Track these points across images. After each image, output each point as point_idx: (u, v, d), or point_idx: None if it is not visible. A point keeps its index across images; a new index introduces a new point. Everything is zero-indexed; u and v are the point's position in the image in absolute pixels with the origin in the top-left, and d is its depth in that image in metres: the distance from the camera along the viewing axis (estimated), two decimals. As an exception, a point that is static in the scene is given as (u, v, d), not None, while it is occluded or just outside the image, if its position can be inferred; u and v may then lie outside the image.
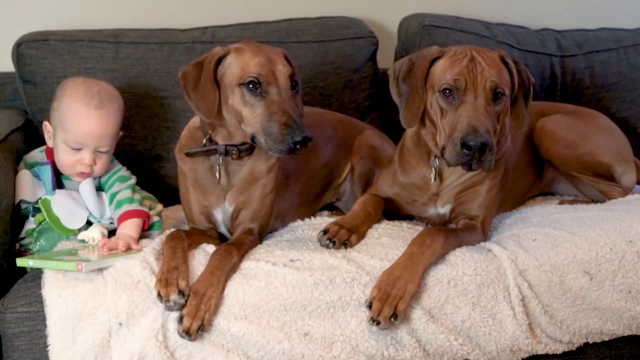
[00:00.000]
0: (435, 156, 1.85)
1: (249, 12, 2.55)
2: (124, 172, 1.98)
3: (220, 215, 1.86)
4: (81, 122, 1.85)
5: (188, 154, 1.81)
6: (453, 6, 2.76)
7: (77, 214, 1.84)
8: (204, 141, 1.79)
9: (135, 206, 1.87)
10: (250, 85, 1.66)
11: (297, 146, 1.61)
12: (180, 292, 1.54)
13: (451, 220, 1.93)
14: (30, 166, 1.94)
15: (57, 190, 1.85)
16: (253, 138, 1.68)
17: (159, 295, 1.54)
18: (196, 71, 1.72)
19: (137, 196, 1.93)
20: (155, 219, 1.92)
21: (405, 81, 1.81)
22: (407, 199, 1.95)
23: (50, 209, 1.81)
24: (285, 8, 2.61)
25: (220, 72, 1.73)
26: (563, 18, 2.91)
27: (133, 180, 1.98)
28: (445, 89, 1.73)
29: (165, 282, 1.56)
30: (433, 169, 1.87)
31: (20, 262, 1.64)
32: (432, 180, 1.87)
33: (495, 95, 1.74)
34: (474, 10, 2.78)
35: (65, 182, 1.93)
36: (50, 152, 1.96)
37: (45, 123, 1.95)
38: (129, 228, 1.82)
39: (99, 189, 1.95)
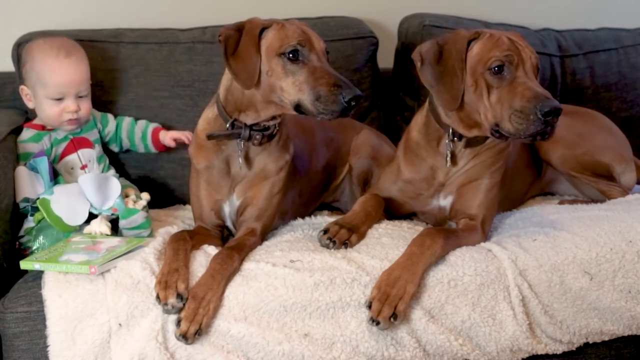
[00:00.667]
0: (449, 140, 1.84)
1: (249, 12, 2.53)
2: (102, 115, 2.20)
3: (228, 208, 1.86)
4: (57, 73, 1.99)
5: (210, 137, 1.78)
6: (453, 6, 2.76)
7: (78, 210, 1.84)
8: (227, 125, 1.77)
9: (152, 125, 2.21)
10: (291, 55, 1.65)
11: (352, 103, 1.59)
12: (179, 296, 1.54)
13: (451, 217, 1.93)
14: (24, 157, 1.96)
15: (55, 189, 1.85)
16: (297, 106, 1.65)
17: (157, 297, 1.54)
18: (237, 36, 1.71)
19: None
20: (142, 217, 1.89)
21: (439, 65, 1.78)
22: (412, 193, 1.95)
23: (49, 209, 1.80)
24: (285, 8, 2.61)
25: (261, 42, 1.71)
26: (563, 18, 2.91)
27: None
28: (496, 66, 1.71)
29: (164, 284, 1.56)
30: (447, 152, 1.86)
31: (25, 264, 1.62)
32: (448, 164, 1.86)
33: (537, 71, 1.77)
34: (474, 10, 2.78)
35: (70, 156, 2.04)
36: (30, 123, 2.08)
37: (22, 87, 2.08)
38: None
39: (105, 146, 2.17)
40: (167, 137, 2.21)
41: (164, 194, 2.28)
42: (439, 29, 2.54)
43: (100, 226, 1.82)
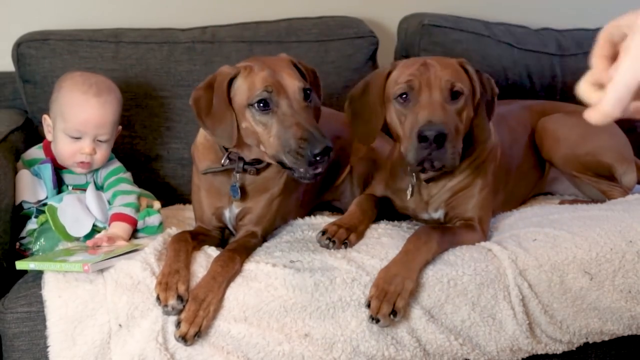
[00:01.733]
0: (410, 175, 1.84)
1: (249, 12, 2.55)
2: (123, 173, 2.00)
3: (228, 213, 1.87)
4: (80, 109, 1.88)
5: (206, 172, 1.78)
6: (453, 6, 2.76)
7: (83, 222, 1.83)
8: (223, 160, 1.75)
9: (128, 211, 1.87)
10: (260, 104, 1.59)
11: (318, 158, 1.52)
12: (179, 297, 1.53)
13: (447, 223, 1.93)
14: (29, 164, 1.95)
15: (66, 197, 1.84)
16: (278, 160, 1.60)
17: (157, 298, 1.54)
18: (208, 94, 1.64)
19: (135, 189, 1.97)
20: (157, 220, 1.91)
21: (361, 99, 1.80)
22: (400, 203, 1.95)
23: (56, 217, 1.80)
24: (285, 8, 2.61)
25: (232, 94, 1.65)
26: (563, 18, 2.91)
27: (128, 175, 2.02)
28: (400, 94, 1.71)
29: (165, 285, 1.55)
30: (410, 186, 1.86)
31: (20, 264, 1.62)
32: (409, 197, 1.87)
33: (453, 94, 1.70)
34: (474, 10, 2.78)
35: (65, 176, 1.94)
36: (48, 148, 1.98)
37: (45, 116, 1.97)
38: (120, 229, 1.83)
39: (100, 188, 1.96)
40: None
41: (164, 193, 2.28)
42: (439, 28, 2.55)
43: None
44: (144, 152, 2.30)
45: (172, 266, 1.60)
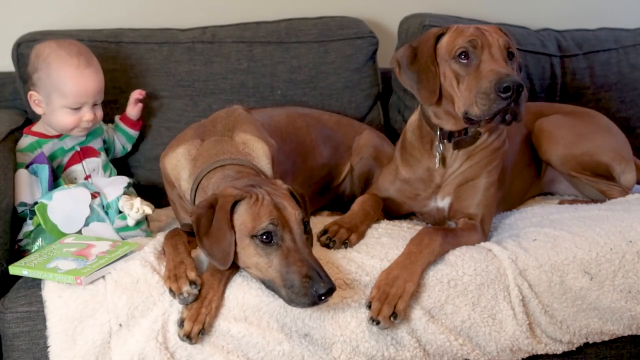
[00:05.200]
0: (439, 142, 1.85)
1: (249, 12, 2.55)
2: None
3: None
4: (78, 82, 1.95)
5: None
6: (453, 6, 2.76)
7: (74, 217, 1.81)
8: None
9: None
10: (264, 237, 1.54)
11: (322, 298, 1.48)
12: (192, 283, 1.53)
13: (450, 217, 1.93)
14: (21, 166, 1.94)
15: (55, 194, 1.83)
16: (272, 288, 1.56)
17: (170, 291, 1.53)
18: (209, 214, 1.57)
19: None
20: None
21: (414, 65, 1.82)
22: (410, 193, 1.95)
23: (46, 215, 1.79)
24: (285, 8, 2.61)
25: (233, 218, 1.58)
26: (563, 18, 2.91)
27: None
28: (461, 52, 1.74)
29: (174, 277, 1.55)
30: (437, 154, 1.87)
31: (14, 270, 1.60)
32: (437, 165, 1.87)
33: (509, 54, 1.76)
34: (474, 10, 2.78)
35: (65, 141, 2.03)
36: (36, 132, 2.04)
37: (31, 93, 2.01)
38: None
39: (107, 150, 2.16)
40: (129, 108, 2.20)
41: (164, 194, 2.27)
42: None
43: (142, 205, 1.82)
44: (143, 152, 2.30)
45: (175, 259, 1.60)
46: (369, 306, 1.60)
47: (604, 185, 2.17)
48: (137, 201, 1.82)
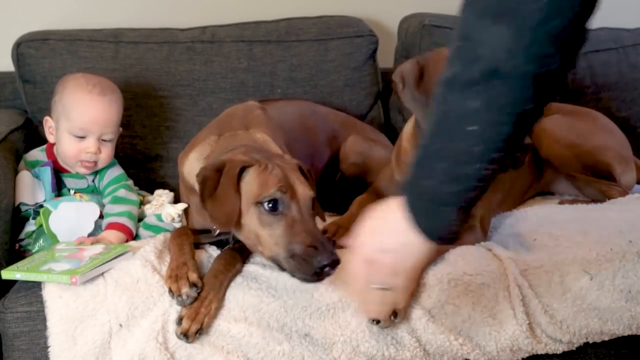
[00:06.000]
0: None
1: (248, 12, 2.55)
2: (125, 181, 1.99)
3: None
4: (85, 108, 1.87)
5: (197, 247, 1.72)
6: (453, 6, 2.74)
7: (75, 231, 1.80)
8: (216, 234, 1.73)
9: (124, 220, 1.85)
10: (270, 205, 1.50)
11: (325, 269, 1.44)
12: (193, 285, 1.52)
13: None
14: (31, 165, 1.94)
15: (62, 204, 1.82)
16: (273, 260, 1.52)
17: (170, 291, 1.53)
18: (216, 177, 1.54)
19: (134, 197, 1.94)
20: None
21: (420, 87, 1.77)
22: None
23: (47, 223, 1.78)
24: (285, 8, 2.61)
25: (240, 185, 1.55)
26: (563, 18, 2.91)
27: (130, 183, 2.01)
28: None
29: (175, 277, 1.54)
30: None
31: (6, 274, 1.59)
32: None
33: None
34: (474, 10, 2.78)
35: (67, 180, 1.93)
36: (50, 151, 1.97)
37: (47, 118, 1.96)
38: (113, 236, 1.80)
39: (99, 192, 1.96)
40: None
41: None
42: (439, 28, 2.54)
43: (176, 209, 1.84)
44: (143, 152, 2.30)
45: (179, 259, 1.60)
46: (369, 306, 1.60)
47: (605, 186, 2.17)
48: (169, 208, 1.84)
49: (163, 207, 1.90)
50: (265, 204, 1.50)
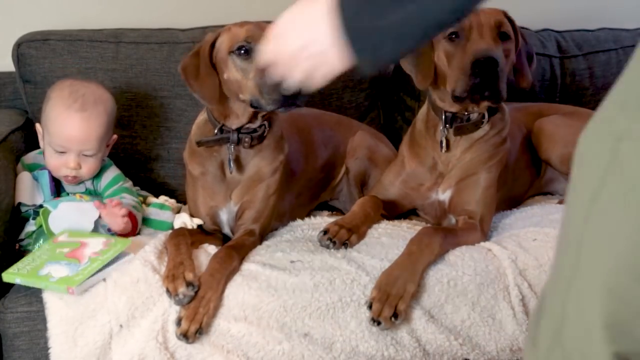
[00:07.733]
0: (443, 126, 1.87)
1: (249, 12, 2.55)
2: (123, 182, 1.98)
3: (225, 215, 1.86)
4: (62, 125, 1.82)
5: (200, 143, 1.79)
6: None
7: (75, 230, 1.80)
8: (215, 131, 1.78)
9: (131, 209, 1.86)
10: (241, 51, 1.66)
11: (295, 98, 1.58)
12: (190, 285, 1.54)
13: (450, 211, 1.93)
14: (29, 168, 1.94)
15: (62, 204, 1.82)
16: (252, 102, 1.66)
17: (167, 291, 1.54)
18: (195, 61, 1.74)
19: (135, 199, 1.94)
20: (170, 217, 1.91)
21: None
22: (414, 184, 1.96)
23: (47, 223, 1.78)
24: (285, 8, 2.60)
25: (214, 54, 1.73)
26: (563, 18, 2.91)
27: (129, 184, 2.00)
28: (451, 33, 1.75)
29: (172, 277, 1.56)
30: (442, 138, 1.88)
31: (7, 277, 1.59)
32: (440, 149, 1.89)
33: (501, 35, 1.78)
34: (473, 10, 2.78)
35: (65, 184, 1.93)
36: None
37: (37, 125, 1.96)
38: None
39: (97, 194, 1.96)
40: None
41: (164, 194, 2.27)
42: (439, 29, 2.54)
43: (191, 221, 1.86)
44: (143, 152, 2.30)
45: (176, 259, 1.61)
46: (370, 307, 1.60)
47: (604, 185, 2.16)
48: (186, 217, 1.86)
49: (180, 215, 1.92)
50: (236, 51, 1.67)
